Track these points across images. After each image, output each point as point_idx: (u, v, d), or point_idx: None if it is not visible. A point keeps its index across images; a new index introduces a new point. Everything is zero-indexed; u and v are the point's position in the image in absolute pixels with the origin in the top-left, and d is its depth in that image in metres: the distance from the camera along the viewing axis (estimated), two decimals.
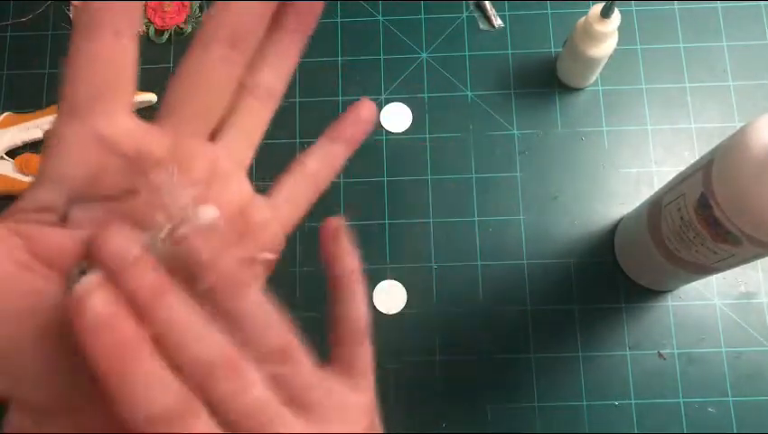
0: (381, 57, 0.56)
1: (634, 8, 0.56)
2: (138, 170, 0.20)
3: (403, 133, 0.54)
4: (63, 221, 0.20)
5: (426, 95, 0.55)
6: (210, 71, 0.21)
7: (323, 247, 0.24)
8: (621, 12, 0.46)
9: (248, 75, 0.22)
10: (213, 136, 0.22)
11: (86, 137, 0.19)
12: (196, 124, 0.21)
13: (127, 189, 0.20)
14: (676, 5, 0.56)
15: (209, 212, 0.21)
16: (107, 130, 0.20)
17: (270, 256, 0.23)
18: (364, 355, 0.24)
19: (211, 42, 0.21)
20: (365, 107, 0.25)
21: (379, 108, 0.54)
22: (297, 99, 0.55)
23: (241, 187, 0.22)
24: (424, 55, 0.56)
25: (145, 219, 0.19)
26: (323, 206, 0.54)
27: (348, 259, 0.24)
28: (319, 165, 0.25)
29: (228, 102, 0.22)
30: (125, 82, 0.20)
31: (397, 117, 0.54)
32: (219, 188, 0.22)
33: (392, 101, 0.54)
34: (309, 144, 0.60)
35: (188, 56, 0.21)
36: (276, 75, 0.23)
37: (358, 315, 0.24)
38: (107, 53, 0.19)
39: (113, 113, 0.20)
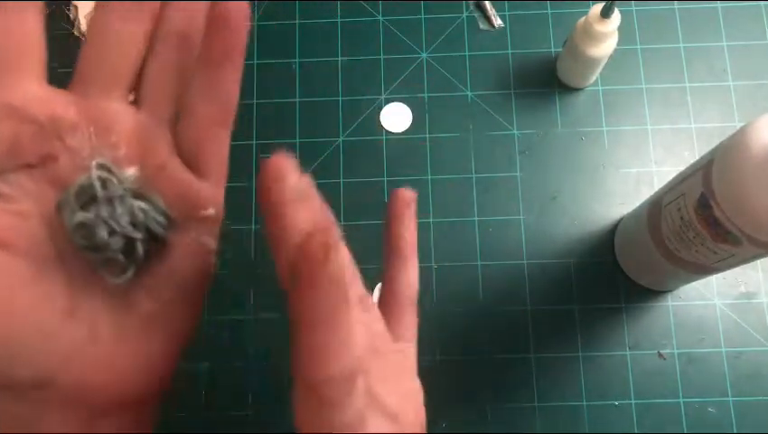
0: (381, 57, 0.56)
1: (634, 8, 0.56)
2: (54, 136, 0.20)
3: (403, 133, 0.54)
4: None
5: (426, 95, 0.55)
6: (111, 31, 0.21)
7: (391, 212, 0.24)
8: (621, 12, 0.46)
9: (157, 25, 0.22)
10: (135, 94, 0.22)
11: None
12: (107, 85, 0.21)
13: (47, 155, 0.20)
14: (676, 5, 0.56)
15: (130, 174, 0.21)
16: (16, 100, 0.20)
17: (212, 211, 0.22)
18: (411, 323, 0.25)
19: (108, 2, 0.21)
20: (230, 4, 0.21)
21: (379, 108, 0.54)
22: (297, 99, 0.55)
23: (162, 145, 0.22)
24: (424, 55, 0.56)
25: (70, 182, 0.20)
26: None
27: (413, 228, 0.25)
28: (210, 104, 0.22)
29: (139, 58, 0.22)
30: (29, 50, 0.20)
31: (397, 117, 0.54)
32: (140, 147, 0.21)
33: (392, 101, 0.54)
34: (309, 144, 0.60)
35: (91, 19, 0.21)
36: (184, 17, 0.22)
37: (410, 282, 0.25)
38: (6, 24, 0.19)
39: (20, 82, 0.20)
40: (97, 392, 0.20)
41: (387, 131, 0.54)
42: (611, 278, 0.50)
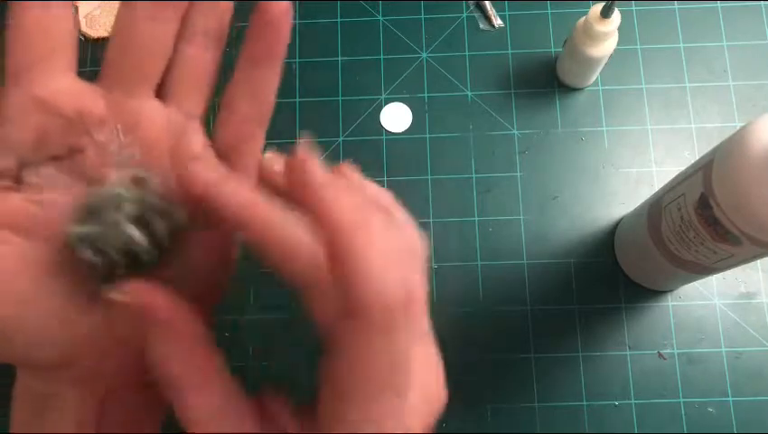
0: (381, 57, 0.56)
1: (634, 8, 0.56)
2: (82, 130, 0.21)
3: (403, 133, 0.54)
4: (19, 184, 0.20)
5: (425, 95, 0.55)
6: (138, 30, 0.21)
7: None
8: (621, 12, 0.46)
9: (182, 25, 0.22)
10: (163, 91, 0.22)
11: (26, 103, 0.20)
12: (134, 82, 0.21)
13: (74, 148, 0.21)
14: (676, 5, 0.56)
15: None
16: (45, 93, 0.20)
17: None
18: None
19: (135, 1, 0.21)
20: (269, 7, 0.21)
21: (379, 108, 0.54)
22: (297, 99, 0.55)
23: (195, 139, 0.22)
24: (424, 55, 0.56)
25: (96, 176, 0.20)
26: None
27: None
28: (251, 102, 0.22)
29: (166, 57, 0.22)
30: (60, 47, 0.21)
31: (397, 118, 0.54)
32: (170, 142, 0.22)
33: (392, 101, 0.54)
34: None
35: (118, 15, 0.21)
36: (208, 16, 0.22)
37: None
38: (37, 23, 0.20)
39: (50, 77, 0.20)
40: (114, 372, 0.21)
41: (387, 131, 0.54)
42: (611, 278, 0.50)
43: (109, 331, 0.20)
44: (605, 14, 0.45)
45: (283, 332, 0.50)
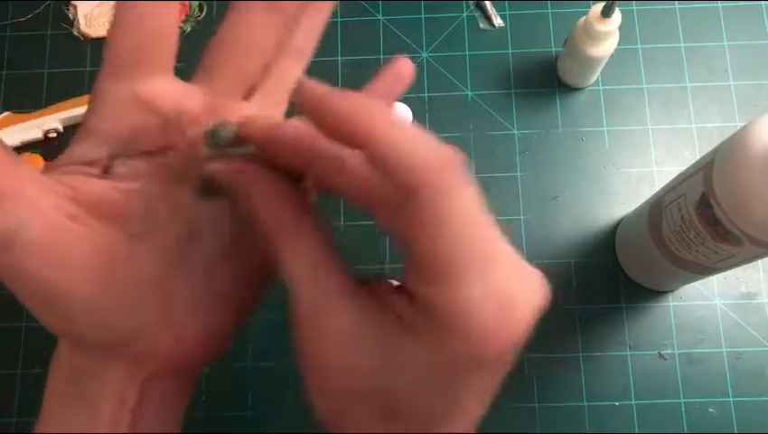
0: (381, 57, 0.56)
1: (635, 8, 0.56)
2: (176, 128, 0.21)
3: None
4: (106, 173, 0.21)
5: (426, 95, 0.55)
6: (248, 36, 0.22)
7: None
8: (621, 11, 0.46)
9: (282, 36, 0.23)
10: (247, 93, 0.23)
11: (125, 98, 0.21)
12: (232, 84, 0.22)
13: (166, 145, 0.21)
14: (676, 5, 0.56)
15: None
16: (145, 91, 0.21)
17: None
18: None
19: (250, 7, 0.22)
20: (402, 63, 0.24)
21: None
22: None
23: None
24: (424, 55, 0.56)
25: (184, 172, 0.21)
26: (324, 206, 0.53)
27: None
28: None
29: (266, 62, 0.23)
30: (162, 47, 0.21)
31: (397, 118, 0.54)
32: None
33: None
34: None
35: (228, 19, 0.22)
36: (308, 35, 0.24)
37: None
38: (144, 21, 0.21)
39: (151, 75, 0.21)
40: (163, 356, 0.21)
41: None
42: (611, 278, 0.50)
43: (168, 317, 0.21)
44: (606, 13, 0.45)
45: (283, 332, 0.49)
